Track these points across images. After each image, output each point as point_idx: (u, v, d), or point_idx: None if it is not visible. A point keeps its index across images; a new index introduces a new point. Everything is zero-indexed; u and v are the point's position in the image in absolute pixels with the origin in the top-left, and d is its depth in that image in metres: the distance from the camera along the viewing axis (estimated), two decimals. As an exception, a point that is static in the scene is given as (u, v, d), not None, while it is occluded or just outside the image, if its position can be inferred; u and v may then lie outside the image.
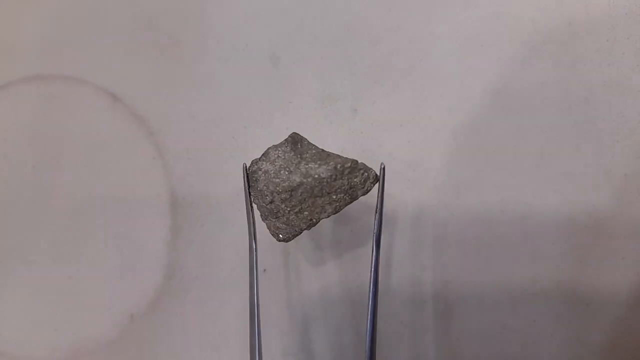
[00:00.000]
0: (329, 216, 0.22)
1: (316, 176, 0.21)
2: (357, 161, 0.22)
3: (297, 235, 0.23)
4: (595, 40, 0.29)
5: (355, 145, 0.30)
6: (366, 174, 0.22)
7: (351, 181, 0.22)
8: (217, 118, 0.30)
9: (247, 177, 0.22)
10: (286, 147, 0.22)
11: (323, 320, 0.28)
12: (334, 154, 0.22)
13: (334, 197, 0.22)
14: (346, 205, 0.22)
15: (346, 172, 0.22)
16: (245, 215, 0.23)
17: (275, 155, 0.22)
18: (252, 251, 0.22)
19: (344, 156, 0.22)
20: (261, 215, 0.23)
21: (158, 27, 0.31)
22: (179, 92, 0.30)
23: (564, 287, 0.28)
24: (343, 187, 0.22)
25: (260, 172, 0.22)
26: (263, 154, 0.22)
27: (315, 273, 0.29)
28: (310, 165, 0.21)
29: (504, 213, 0.29)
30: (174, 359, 0.29)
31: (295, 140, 0.22)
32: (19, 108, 0.31)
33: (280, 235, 0.23)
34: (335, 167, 0.21)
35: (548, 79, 0.30)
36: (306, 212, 0.22)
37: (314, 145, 0.23)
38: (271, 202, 0.22)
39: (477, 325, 0.28)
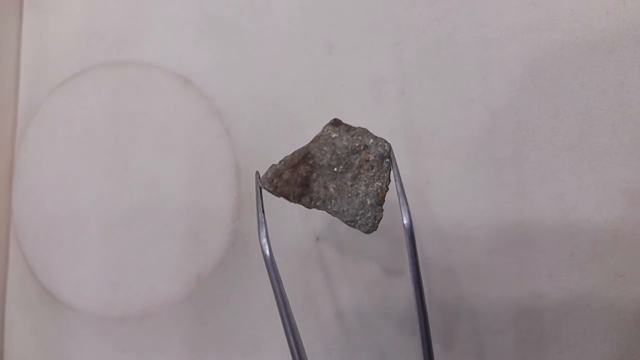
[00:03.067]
0: None
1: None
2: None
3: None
4: (631, 28, 0.31)
5: (402, 125, 0.32)
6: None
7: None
8: (277, 100, 0.33)
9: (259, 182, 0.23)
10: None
11: (376, 287, 0.31)
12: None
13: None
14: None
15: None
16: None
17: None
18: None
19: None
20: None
21: (223, 17, 0.34)
22: (243, 76, 0.33)
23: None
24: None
25: None
26: None
27: (364, 242, 0.31)
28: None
29: (542, 188, 0.31)
30: (236, 316, 0.32)
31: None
32: (100, 90, 0.34)
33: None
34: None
35: (585, 64, 0.32)
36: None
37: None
38: None
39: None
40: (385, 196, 0.23)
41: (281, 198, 0.23)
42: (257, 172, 0.23)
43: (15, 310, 0.36)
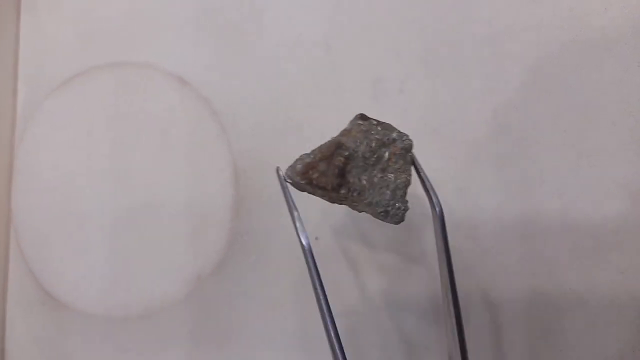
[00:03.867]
0: None
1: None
2: None
3: None
4: (630, 25, 0.31)
5: (401, 123, 0.32)
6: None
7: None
8: (275, 99, 0.33)
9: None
10: None
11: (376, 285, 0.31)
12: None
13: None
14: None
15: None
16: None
17: None
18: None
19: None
20: None
21: (222, 18, 0.34)
22: (241, 75, 0.33)
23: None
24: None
25: None
26: None
27: (366, 241, 0.31)
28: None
29: (542, 185, 0.31)
30: (235, 316, 0.32)
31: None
32: (99, 91, 0.34)
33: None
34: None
35: (585, 61, 0.31)
36: None
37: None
38: None
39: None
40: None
41: (304, 192, 0.23)
42: (278, 168, 0.23)
43: (16, 311, 0.36)
